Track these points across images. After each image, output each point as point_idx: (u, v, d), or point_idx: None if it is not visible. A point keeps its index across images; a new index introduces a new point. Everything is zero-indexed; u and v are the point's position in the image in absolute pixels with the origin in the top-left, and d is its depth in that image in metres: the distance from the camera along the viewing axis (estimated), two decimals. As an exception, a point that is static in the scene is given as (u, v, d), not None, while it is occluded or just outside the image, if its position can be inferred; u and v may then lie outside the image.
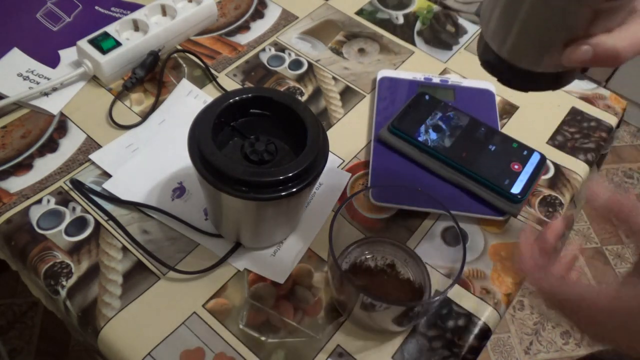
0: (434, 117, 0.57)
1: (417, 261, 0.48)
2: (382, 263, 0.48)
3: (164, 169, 0.54)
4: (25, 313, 1.22)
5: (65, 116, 0.58)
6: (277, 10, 0.72)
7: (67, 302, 0.46)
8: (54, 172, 0.54)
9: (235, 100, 0.44)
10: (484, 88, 0.63)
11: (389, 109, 0.60)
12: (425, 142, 0.55)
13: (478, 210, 0.53)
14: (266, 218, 0.45)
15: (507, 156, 0.54)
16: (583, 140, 0.61)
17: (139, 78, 0.60)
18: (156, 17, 0.65)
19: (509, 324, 1.29)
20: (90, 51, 0.59)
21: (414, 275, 0.48)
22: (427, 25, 0.72)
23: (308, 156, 0.41)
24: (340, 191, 0.54)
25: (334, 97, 0.63)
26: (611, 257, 1.43)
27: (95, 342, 0.45)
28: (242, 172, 0.39)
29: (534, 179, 0.53)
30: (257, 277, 0.48)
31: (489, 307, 0.48)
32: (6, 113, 0.58)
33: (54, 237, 0.49)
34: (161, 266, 0.48)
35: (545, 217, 0.54)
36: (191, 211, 0.51)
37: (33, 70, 0.61)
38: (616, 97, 0.66)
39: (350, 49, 0.68)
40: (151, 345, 0.44)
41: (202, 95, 0.61)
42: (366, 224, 0.51)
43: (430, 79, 0.63)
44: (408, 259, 0.49)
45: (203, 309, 0.46)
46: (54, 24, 0.66)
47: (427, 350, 0.45)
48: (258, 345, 0.44)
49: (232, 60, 0.65)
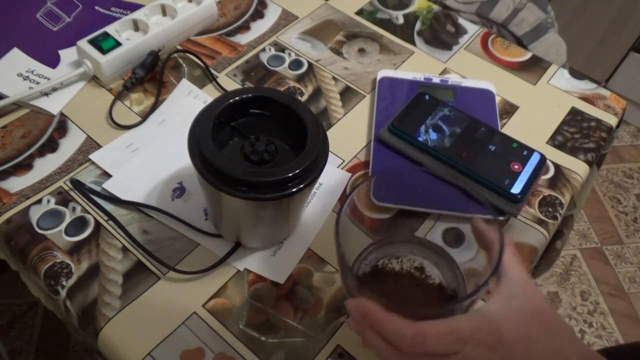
0: (434, 117, 0.57)
1: (451, 264, 0.42)
2: (409, 266, 0.42)
3: (164, 169, 0.54)
4: (25, 313, 1.22)
5: (65, 116, 0.58)
6: (277, 10, 0.72)
7: (67, 302, 0.46)
8: (54, 172, 0.54)
9: (235, 100, 0.44)
10: (484, 88, 0.63)
11: (389, 109, 0.60)
12: (425, 142, 0.55)
13: (478, 211, 0.53)
14: (266, 218, 0.45)
15: (507, 156, 0.54)
16: (583, 140, 0.61)
17: (139, 78, 0.60)
18: (156, 17, 0.65)
19: (509, 324, 1.29)
20: (90, 51, 0.59)
21: (446, 280, 0.41)
22: (427, 25, 0.72)
23: (308, 156, 0.41)
24: (340, 191, 0.54)
25: (334, 97, 0.63)
26: (611, 257, 1.43)
27: (95, 342, 0.45)
28: (242, 172, 0.39)
29: (534, 179, 0.53)
30: (257, 277, 0.48)
31: (489, 307, 0.47)
32: (6, 113, 0.58)
33: (54, 237, 0.49)
34: (161, 266, 0.48)
35: (545, 217, 0.54)
36: (191, 211, 0.51)
37: (33, 70, 0.61)
38: (616, 97, 0.66)
39: (350, 49, 0.68)
40: (151, 345, 0.44)
41: (202, 95, 0.61)
42: (369, 224, 0.51)
43: (430, 79, 0.63)
44: (440, 261, 0.43)
45: (203, 309, 0.46)
46: (54, 24, 0.66)
47: (427, 350, 0.45)
48: (258, 345, 0.44)
49: (232, 60, 0.65)
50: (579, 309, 1.33)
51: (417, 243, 0.45)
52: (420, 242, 0.45)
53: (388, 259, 0.43)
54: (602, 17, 1.59)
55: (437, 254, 0.43)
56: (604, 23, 1.59)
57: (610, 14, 1.56)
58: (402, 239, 0.46)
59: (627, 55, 1.62)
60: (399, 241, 0.45)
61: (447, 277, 0.42)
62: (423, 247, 0.44)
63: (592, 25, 1.62)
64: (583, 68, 1.72)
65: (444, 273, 0.42)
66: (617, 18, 1.56)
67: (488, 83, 0.64)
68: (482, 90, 0.63)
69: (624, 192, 1.57)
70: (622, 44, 1.60)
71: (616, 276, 1.39)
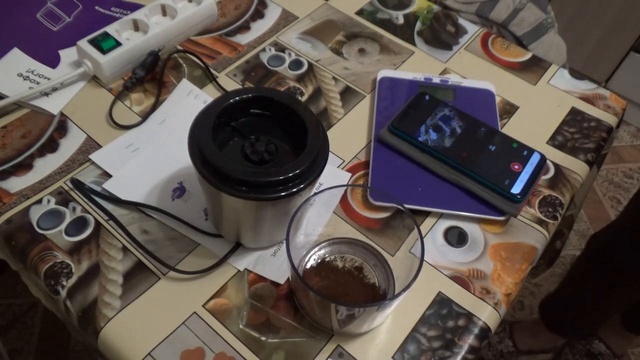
0: (434, 117, 0.57)
1: (386, 268, 0.48)
2: (350, 265, 0.48)
3: (164, 169, 0.54)
4: (25, 313, 1.22)
5: (65, 116, 0.58)
6: (277, 10, 0.72)
7: (67, 302, 0.46)
8: (54, 172, 0.54)
9: (235, 100, 0.44)
10: (484, 88, 0.63)
11: (389, 109, 0.60)
12: (425, 142, 0.55)
13: (478, 210, 0.53)
14: (266, 218, 0.45)
15: (507, 156, 0.54)
16: (583, 140, 0.61)
17: (139, 78, 0.60)
18: (156, 17, 0.65)
19: (509, 324, 1.29)
20: (90, 51, 0.59)
21: (380, 281, 0.47)
22: (427, 25, 0.72)
23: (308, 156, 0.41)
24: (340, 191, 0.54)
25: (334, 97, 0.63)
26: (611, 257, 1.42)
27: (95, 342, 0.45)
28: (242, 172, 0.39)
29: (534, 179, 0.53)
30: (257, 277, 0.48)
31: (489, 307, 0.48)
32: (6, 113, 0.58)
33: (54, 237, 0.49)
34: (161, 266, 0.48)
35: (545, 217, 0.54)
36: (191, 211, 0.51)
37: (33, 70, 0.61)
38: (616, 97, 0.66)
39: (350, 49, 0.68)
40: (151, 345, 0.44)
41: (202, 95, 0.61)
42: (365, 224, 0.51)
43: (430, 79, 0.63)
44: (378, 264, 0.48)
45: (203, 309, 0.46)
46: (54, 24, 0.66)
47: (427, 350, 0.45)
48: (258, 345, 0.44)
49: (232, 60, 0.65)
50: (579, 309, 1.33)
51: (360, 246, 0.50)
52: (363, 246, 0.50)
53: (335, 256, 0.49)
54: (602, 17, 1.59)
55: (376, 258, 0.49)
56: (604, 23, 1.59)
57: (610, 14, 1.57)
58: (349, 240, 0.50)
59: (627, 55, 1.62)
60: (346, 242, 0.50)
61: (380, 278, 0.47)
62: (365, 250, 0.49)
63: (592, 25, 1.62)
64: (583, 68, 1.72)
65: (379, 275, 0.48)
66: (617, 18, 1.56)
67: (488, 83, 0.64)
68: (482, 90, 0.63)
69: (624, 192, 1.57)
70: (622, 44, 1.60)
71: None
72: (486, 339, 0.47)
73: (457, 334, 0.46)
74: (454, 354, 0.45)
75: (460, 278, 0.49)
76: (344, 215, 0.52)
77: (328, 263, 0.48)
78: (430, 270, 0.50)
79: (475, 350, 0.46)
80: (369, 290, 0.46)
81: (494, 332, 0.48)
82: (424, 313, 0.47)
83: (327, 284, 0.46)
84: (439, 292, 0.48)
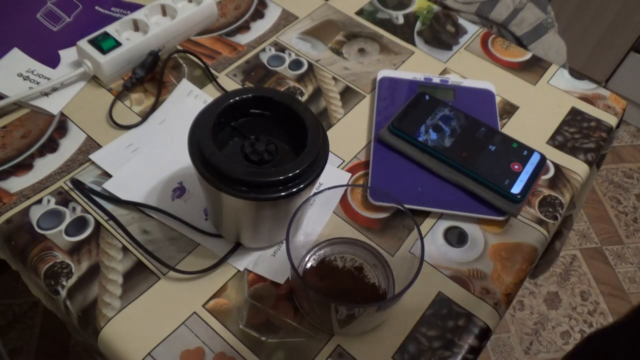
0: (434, 117, 0.57)
1: (386, 268, 0.48)
2: (350, 265, 0.48)
3: (164, 169, 0.54)
4: (25, 313, 1.22)
5: (65, 116, 0.58)
6: (277, 10, 0.72)
7: (67, 302, 0.46)
8: (54, 172, 0.54)
9: (235, 100, 0.44)
10: (484, 88, 0.63)
11: (389, 109, 0.60)
12: (425, 142, 0.55)
13: (478, 210, 0.53)
14: (266, 218, 0.45)
15: (507, 156, 0.54)
16: (583, 140, 0.61)
17: (139, 78, 0.60)
18: (156, 17, 0.65)
19: (509, 324, 1.29)
20: (90, 51, 0.59)
21: (380, 281, 0.47)
22: (427, 25, 0.72)
23: (308, 156, 0.41)
24: (340, 191, 0.54)
25: (334, 97, 0.63)
26: (611, 257, 1.43)
27: (95, 342, 0.45)
28: (242, 172, 0.39)
29: (534, 179, 0.53)
30: (257, 277, 0.48)
31: (489, 307, 0.48)
32: (6, 113, 0.58)
33: (54, 237, 0.49)
34: (161, 266, 0.48)
35: (545, 217, 0.54)
36: (191, 211, 0.51)
37: (33, 70, 0.61)
38: (616, 97, 0.66)
39: (350, 49, 0.68)
40: (151, 345, 0.44)
41: (202, 95, 0.61)
42: (365, 224, 0.51)
43: (430, 79, 0.63)
44: (378, 264, 0.48)
45: (203, 309, 0.46)
46: (54, 24, 0.66)
47: (427, 350, 0.45)
48: (258, 345, 0.44)
49: (232, 60, 0.65)
50: (579, 309, 1.33)
51: (360, 246, 0.50)
52: (363, 246, 0.49)
53: (334, 256, 0.48)
54: (602, 17, 1.59)
55: (376, 258, 0.49)
56: (604, 23, 1.59)
57: (610, 14, 1.57)
58: (349, 240, 0.50)
59: (627, 55, 1.62)
60: (346, 242, 0.50)
61: (380, 278, 0.47)
62: (365, 250, 0.49)
63: (592, 25, 1.62)
64: (583, 68, 1.72)
65: (379, 275, 0.48)
66: (617, 18, 1.56)
67: (488, 83, 0.64)
68: (482, 90, 0.63)
69: (624, 192, 1.57)
70: (622, 44, 1.60)
71: (616, 276, 1.39)
72: (486, 339, 0.47)
73: (457, 334, 0.46)
74: (454, 354, 0.45)
75: (460, 278, 0.49)
76: (344, 215, 0.52)
77: (328, 263, 0.48)
78: (430, 270, 0.50)
79: (475, 350, 0.46)
80: (369, 290, 0.46)
81: (493, 332, 0.48)
82: (424, 313, 0.47)
83: (327, 284, 0.46)
84: (439, 292, 0.48)
